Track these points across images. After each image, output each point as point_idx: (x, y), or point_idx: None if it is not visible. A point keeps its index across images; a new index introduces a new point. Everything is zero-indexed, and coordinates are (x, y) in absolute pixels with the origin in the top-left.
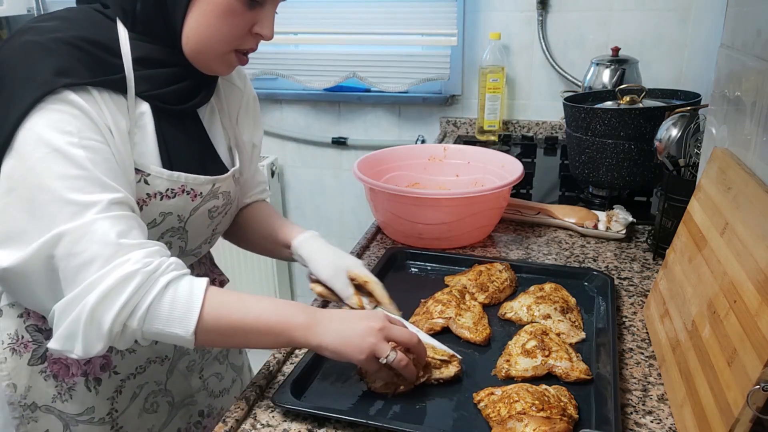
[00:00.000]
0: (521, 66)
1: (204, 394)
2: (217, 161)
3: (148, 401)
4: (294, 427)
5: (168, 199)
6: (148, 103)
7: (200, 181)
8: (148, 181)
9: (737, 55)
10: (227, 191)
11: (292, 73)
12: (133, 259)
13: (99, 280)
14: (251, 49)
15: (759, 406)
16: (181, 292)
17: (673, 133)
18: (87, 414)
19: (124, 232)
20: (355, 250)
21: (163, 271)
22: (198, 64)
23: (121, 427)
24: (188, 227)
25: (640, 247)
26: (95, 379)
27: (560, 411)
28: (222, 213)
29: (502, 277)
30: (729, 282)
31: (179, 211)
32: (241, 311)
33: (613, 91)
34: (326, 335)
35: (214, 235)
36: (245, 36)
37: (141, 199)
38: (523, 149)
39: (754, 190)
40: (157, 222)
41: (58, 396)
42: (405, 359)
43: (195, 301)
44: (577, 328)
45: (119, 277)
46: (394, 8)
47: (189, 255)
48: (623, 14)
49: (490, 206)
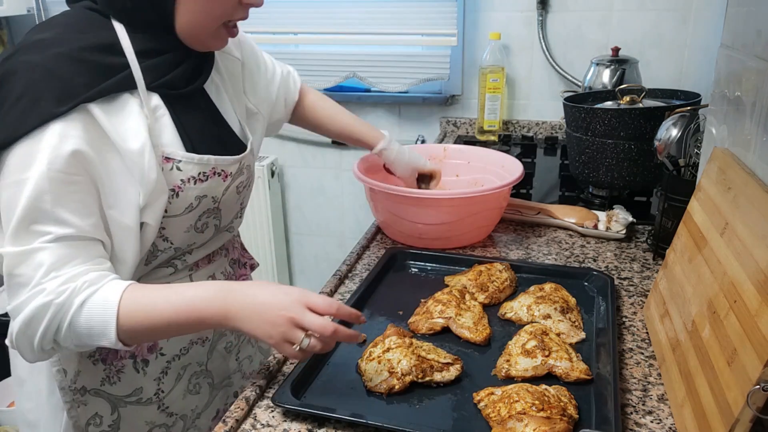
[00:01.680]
0: (521, 66)
1: (239, 376)
2: (234, 138)
3: (191, 382)
4: (294, 427)
5: (201, 182)
6: (158, 93)
7: (229, 161)
8: (180, 167)
9: (737, 55)
10: (249, 165)
11: None
12: (47, 290)
13: (21, 306)
14: (242, 17)
15: (759, 406)
16: (95, 309)
17: (673, 133)
18: (135, 395)
19: (56, 264)
20: (355, 250)
21: (77, 292)
22: (193, 44)
23: (167, 407)
24: (221, 206)
25: (640, 247)
26: (143, 361)
27: (560, 411)
28: (246, 186)
29: (502, 277)
30: (729, 282)
31: (213, 193)
32: (155, 313)
33: (613, 91)
34: (240, 323)
35: (242, 209)
36: (235, 7)
37: (176, 185)
38: (523, 149)
39: (754, 190)
40: (194, 206)
41: (107, 379)
42: (318, 344)
43: (109, 315)
44: (577, 328)
45: (35, 308)
46: (394, 8)
47: (223, 231)
48: (623, 14)
49: (490, 206)
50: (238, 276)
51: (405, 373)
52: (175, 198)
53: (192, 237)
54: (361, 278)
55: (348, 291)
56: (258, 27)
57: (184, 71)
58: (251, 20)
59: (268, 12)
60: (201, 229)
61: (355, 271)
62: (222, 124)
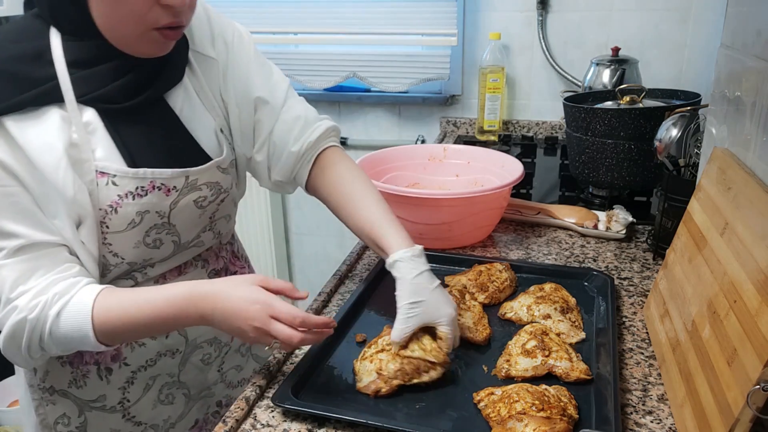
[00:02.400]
0: (521, 66)
1: (222, 386)
2: (195, 150)
3: (162, 393)
4: (294, 427)
5: (140, 197)
6: (93, 107)
7: (167, 174)
8: (115, 182)
9: (737, 55)
10: (212, 182)
11: (292, 73)
12: (19, 307)
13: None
14: (173, 22)
15: (759, 406)
16: (70, 319)
17: (673, 133)
18: (99, 401)
19: (21, 278)
20: (356, 250)
21: (51, 305)
22: (125, 50)
23: (133, 417)
24: (174, 221)
25: (640, 247)
26: (106, 369)
27: (560, 411)
28: (214, 202)
29: (502, 277)
30: (729, 282)
31: (156, 208)
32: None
33: (613, 91)
34: (217, 326)
35: (213, 223)
36: (152, 9)
37: (113, 201)
38: (523, 149)
39: (754, 190)
40: (137, 222)
41: (74, 382)
42: (288, 347)
43: (84, 322)
44: (577, 328)
45: (12, 325)
46: (394, 8)
47: (189, 247)
48: (623, 14)
49: (490, 206)
50: None
51: (391, 377)
52: (114, 214)
53: (145, 252)
54: (361, 278)
55: (348, 291)
56: (258, 27)
57: (124, 84)
58: (251, 20)
59: (268, 12)
60: (154, 245)
61: (355, 271)
62: (179, 136)
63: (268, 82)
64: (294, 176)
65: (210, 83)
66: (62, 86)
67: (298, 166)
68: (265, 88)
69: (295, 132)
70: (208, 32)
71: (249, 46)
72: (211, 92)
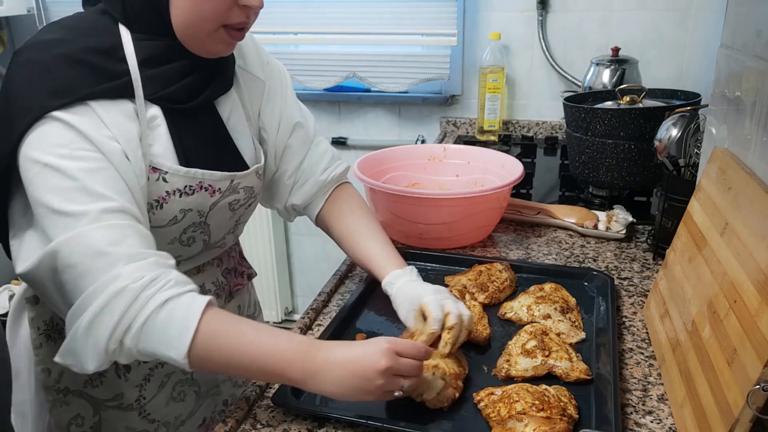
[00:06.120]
0: (521, 66)
1: (228, 384)
2: (236, 156)
3: (175, 390)
4: (294, 427)
5: (187, 195)
6: (159, 105)
7: (216, 177)
8: (166, 179)
9: (737, 55)
10: (249, 186)
11: (292, 73)
12: (123, 275)
13: (92, 296)
14: (243, 22)
15: (759, 406)
16: (177, 313)
17: (673, 133)
18: (116, 400)
19: (115, 241)
20: None
21: (161, 288)
22: (193, 48)
23: (148, 414)
24: (209, 221)
25: (640, 247)
26: (125, 367)
27: (560, 411)
28: (244, 205)
29: (502, 277)
30: (729, 282)
31: (199, 207)
32: (235, 348)
33: (613, 91)
34: (328, 385)
35: (237, 226)
36: (231, 9)
37: (161, 197)
38: (523, 149)
39: (754, 190)
40: (178, 219)
41: (89, 381)
42: (415, 385)
43: (189, 326)
44: (577, 328)
45: (109, 294)
46: (394, 8)
47: (214, 247)
48: (623, 14)
49: (490, 206)
50: (233, 286)
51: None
52: (159, 209)
53: (177, 249)
54: (361, 278)
55: (348, 291)
56: (258, 27)
57: (189, 84)
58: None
59: (268, 12)
60: (187, 243)
61: (355, 271)
62: (226, 142)
63: (302, 113)
64: (309, 203)
65: (252, 100)
66: (134, 83)
67: (318, 194)
68: (301, 117)
69: (324, 163)
70: (256, 57)
71: (288, 80)
72: (251, 109)
